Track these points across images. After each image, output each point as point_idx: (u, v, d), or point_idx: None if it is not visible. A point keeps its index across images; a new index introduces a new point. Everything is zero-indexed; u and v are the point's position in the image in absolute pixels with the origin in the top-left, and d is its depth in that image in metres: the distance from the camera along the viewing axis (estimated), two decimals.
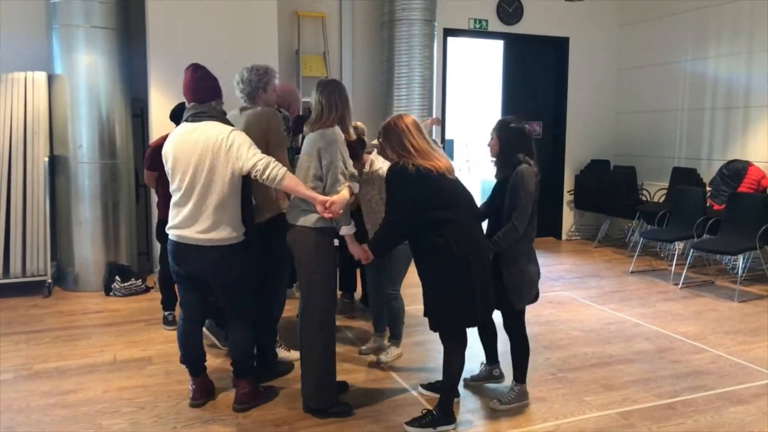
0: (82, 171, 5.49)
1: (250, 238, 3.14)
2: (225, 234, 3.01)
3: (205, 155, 2.95)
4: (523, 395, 3.31)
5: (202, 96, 3.10)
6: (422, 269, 2.99)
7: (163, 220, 4.31)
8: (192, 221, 3.01)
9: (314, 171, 3.02)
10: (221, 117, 3.10)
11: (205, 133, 2.98)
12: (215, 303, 3.27)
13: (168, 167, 3.09)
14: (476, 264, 2.87)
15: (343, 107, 3.07)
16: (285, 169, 2.97)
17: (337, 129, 3.04)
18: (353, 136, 3.25)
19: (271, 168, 2.93)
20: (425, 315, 2.99)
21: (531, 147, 3.20)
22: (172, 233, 3.09)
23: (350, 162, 3.15)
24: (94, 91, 5.47)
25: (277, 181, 2.94)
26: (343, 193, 2.98)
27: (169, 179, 3.10)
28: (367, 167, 3.69)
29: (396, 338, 3.96)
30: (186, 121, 3.08)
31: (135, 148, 6.02)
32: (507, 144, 3.16)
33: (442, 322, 2.97)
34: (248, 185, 3.11)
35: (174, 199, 3.08)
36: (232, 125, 3.09)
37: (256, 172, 2.95)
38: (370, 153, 3.75)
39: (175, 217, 3.07)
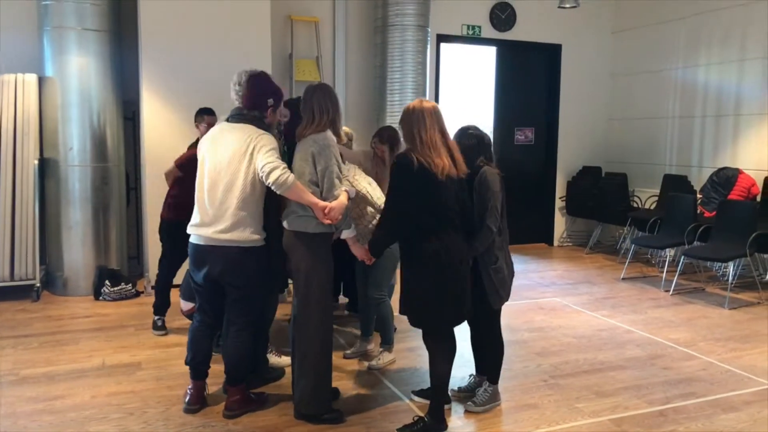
0: (72, 174, 5.44)
1: (269, 245, 3.13)
2: (244, 235, 3.02)
3: (233, 156, 3.00)
4: (496, 396, 3.35)
5: (245, 103, 3.14)
6: (404, 269, 3.02)
7: (166, 221, 4.34)
8: (213, 220, 3.03)
9: (309, 176, 3.00)
10: (259, 122, 3.11)
11: (237, 134, 3.03)
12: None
13: (199, 162, 3.14)
14: (453, 272, 2.90)
15: (334, 111, 3.06)
16: (293, 176, 2.93)
17: (329, 133, 3.03)
18: (344, 140, 3.25)
19: (278, 173, 2.89)
20: (400, 312, 3.05)
21: (489, 153, 3.24)
22: (192, 232, 3.11)
23: (344, 166, 3.14)
24: (86, 93, 5.43)
25: (284, 188, 2.90)
26: (341, 199, 2.99)
27: (200, 174, 3.12)
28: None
29: (387, 343, 3.95)
30: (227, 120, 3.14)
31: (126, 151, 5.98)
32: (465, 150, 3.14)
33: (415, 318, 3.01)
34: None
35: (198, 196, 3.10)
36: (267, 130, 3.09)
37: (261, 174, 2.93)
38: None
39: (197, 215, 3.09)
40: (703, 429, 3.16)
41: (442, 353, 3.04)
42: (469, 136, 3.20)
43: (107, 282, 5.38)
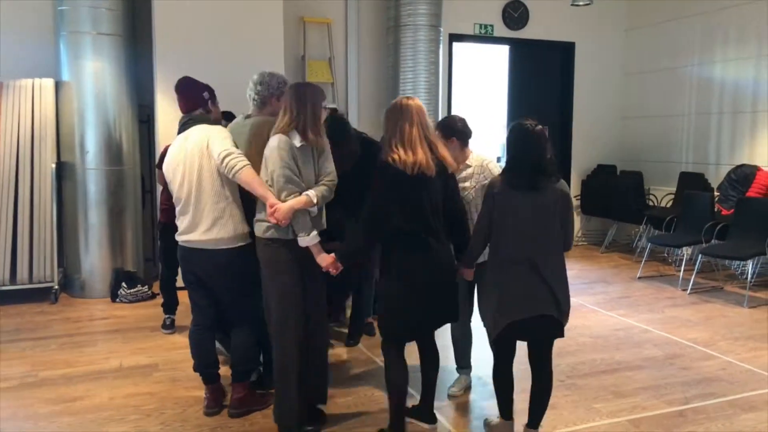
0: (88, 177, 5.50)
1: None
2: (228, 233, 3.02)
3: (194, 158, 3.04)
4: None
5: (185, 107, 3.27)
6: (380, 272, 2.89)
7: (164, 223, 4.42)
8: (195, 225, 3.06)
9: (266, 179, 2.88)
10: (207, 120, 3.19)
11: (193, 138, 3.10)
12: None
13: (168, 180, 3.17)
14: (417, 282, 2.72)
15: (299, 111, 2.82)
16: (245, 162, 2.89)
17: (280, 136, 2.81)
18: (315, 142, 2.87)
19: (230, 158, 2.91)
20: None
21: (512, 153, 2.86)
22: (180, 239, 3.14)
23: (310, 168, 2.88)
24: (101, 97, 5.48)
25: (234, 173, 2.90)
26: (291, 202, 2.77)
27: (171, 192, 3.16)
28: None
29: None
30: (179, 132, 3.22)
31: (141, 154, 6.02)
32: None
33: (379, 323, 2.92)
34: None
35: (177, 208, 3.13)
36: (220, 125, 3.16)
37: (218, 161, 2.96)
38: None
39: (181, 224, 3.12)
40: (723, 429, 3.12)
41: (388, 361, 2.85)
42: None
43: (124, 284, 5.43)
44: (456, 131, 3.24)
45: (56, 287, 5.40)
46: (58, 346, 4.29)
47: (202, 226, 3.03)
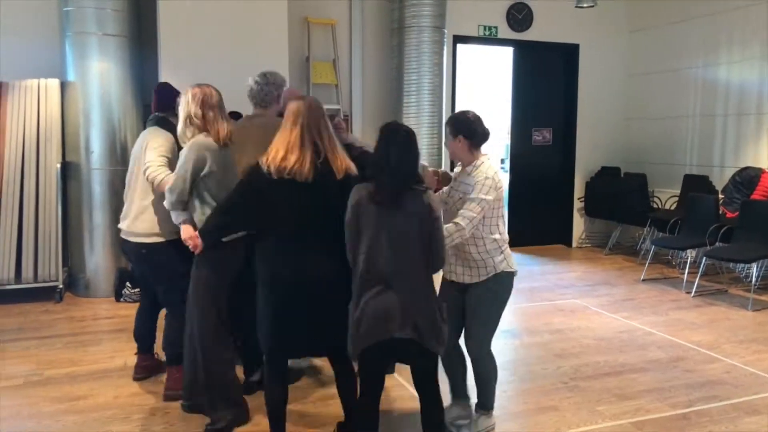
0: (93, 177, 5.52)
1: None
2: (146, 228, 3.25)
3: (138, 154, 3.33)
4: None
5: (156, 107, 3.51)
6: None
7: None
8: (126, 213, 3.37)
9: None
10: (163, 123, 3.41)
11: (144, 135, 3.39)
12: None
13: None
14: (279, 292, 2.56)
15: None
16: (164, 174, 3.11)
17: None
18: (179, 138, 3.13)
19: (149, 171, 3.15)
20: None
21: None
22: (119, 225, 3.41)
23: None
24: (106, 97, 5.51)
25: (156, 184, 3.14)
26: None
27: None
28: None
29: (485, 408, 3.06)
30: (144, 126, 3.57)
31: None
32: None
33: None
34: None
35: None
36: (169, 131, 3.32)
37: (143, 172, 3.20)
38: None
39: (123, 209, 3.44)
40: None
41: (266, 377, 2.73)
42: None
43: (128, 284, 5.44)
44: (463, 128, 2.84)
45: (61, 286, 5.42)
46: (63, 345, 4.31)
47: (129, 217, 3.33)
